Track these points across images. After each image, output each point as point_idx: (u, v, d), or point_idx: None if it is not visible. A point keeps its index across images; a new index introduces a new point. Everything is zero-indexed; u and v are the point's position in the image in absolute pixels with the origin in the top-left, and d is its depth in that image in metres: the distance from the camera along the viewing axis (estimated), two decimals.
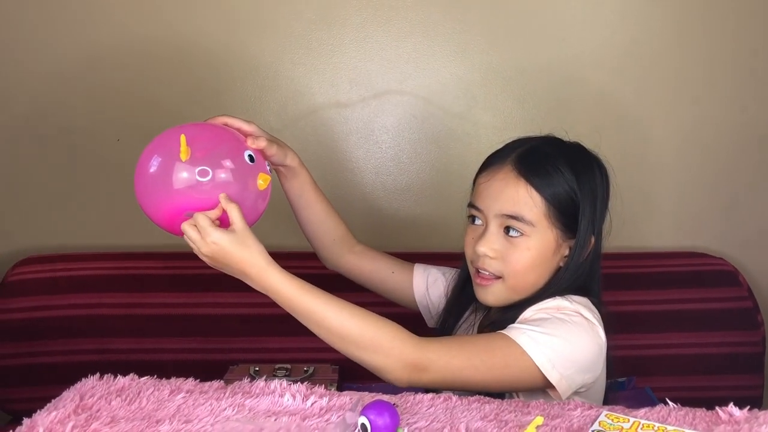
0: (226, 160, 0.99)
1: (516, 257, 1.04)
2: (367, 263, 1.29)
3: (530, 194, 1.04)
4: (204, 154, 0.98)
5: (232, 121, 1.09)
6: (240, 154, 1.02)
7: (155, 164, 0.99)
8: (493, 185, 1.07)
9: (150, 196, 1.01)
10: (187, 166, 0.97)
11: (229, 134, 1.06)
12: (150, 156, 1.01)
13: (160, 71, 1.69)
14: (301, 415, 0.82)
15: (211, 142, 1.01)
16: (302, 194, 1.23)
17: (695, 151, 1.76)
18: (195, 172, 0.97)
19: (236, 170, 1.00)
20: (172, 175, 0.97)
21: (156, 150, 1.01)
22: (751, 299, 1.64)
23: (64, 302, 1.56)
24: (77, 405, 0.84)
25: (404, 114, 1.73)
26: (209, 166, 0.97)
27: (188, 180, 0.97)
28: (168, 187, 0.97)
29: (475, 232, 1.09)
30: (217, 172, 0.98)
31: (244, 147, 1.04)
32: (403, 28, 1.69)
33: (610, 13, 1.70)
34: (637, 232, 1.78)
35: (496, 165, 1.08)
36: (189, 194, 0.97)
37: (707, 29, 1.70)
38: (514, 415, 0.85)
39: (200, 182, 0.97)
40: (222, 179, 0.98)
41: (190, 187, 0.97)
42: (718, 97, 1.73)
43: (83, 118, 1.71)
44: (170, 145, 0.99)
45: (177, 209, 0.99)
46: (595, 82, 1.72)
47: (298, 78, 1.71)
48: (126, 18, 1.67)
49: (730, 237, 1.78)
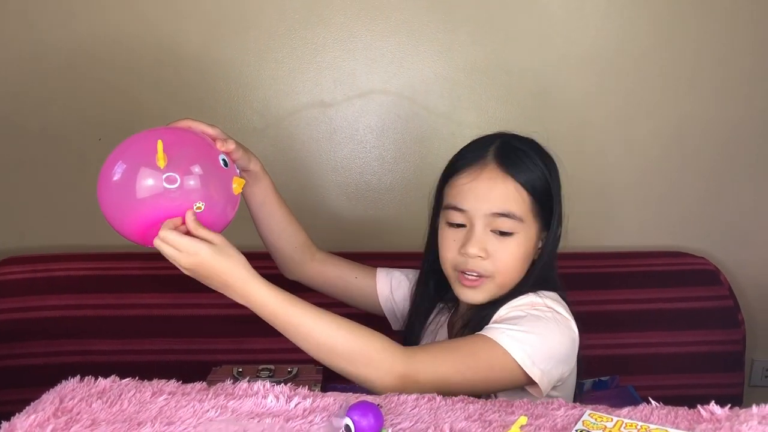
0: (202, 164, 0.96)
1: (506, 255, 1.04)
2: (330, 270, 1.27)
3: (518, 190, 1.04)
4: (179, 159, 0.94)
5: (196, 125, 1.05)
6: (215, 158, 0.99)
7: (125, 173, 0.94)
8: (479, 185, 1.05)
9: (120, 208, 0.95)
10: (159, 172, 0.92)
11: (199, 138, 1.02)
12: (116, 164, 0.95)
13: (142, 70, 1.68)
14: (284, 416, 0.82)
15: (184, 146, 0.97)
16: (265, 201, 1.19)
17: (677, 151, 1.77)
18: (172, 179, 0.93)
19: (212, 175, 0.97)
20: (143, 183, 0.92)
21: (124, 157, 0.96)
22: (732, 298, 1.66)
23: (45, 303, 1.55)
24: (57, 408, 0.82)
25: (388, 113, 1.73)
26: (184, 172, 0.93)
27: (159, 187, 0.92)
28: (138, 196, 0.93)
29: (457, 235, 1.07)
30: (194, 177, 0.94)
31: (217, 151, 1.01)
32: (387, 28, 1.69)
33: (594, 14, 1.71)
34: (619, 231, 1.79)
35: (476, 164, 1.06)
36: (160, 203, 0.93)
37: (690, 30, 1.72)
38: (498, 415, 0.85)
39: (172, 189, 0.93)
40: (197, 185, 0.95)
41: (161, 195, 0.92)
42: (699, 98, 1.75)
43: (64, 117, 1.69)
44: (140, 152, 0.94)
45: (149, 219, 0.94)
46: (579, 82, 1.73)
47: (281, 77, 1.70)
48: (108, 16, 1.65)
49: (712, 236, 1.80)
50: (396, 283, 1.26)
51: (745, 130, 1.77)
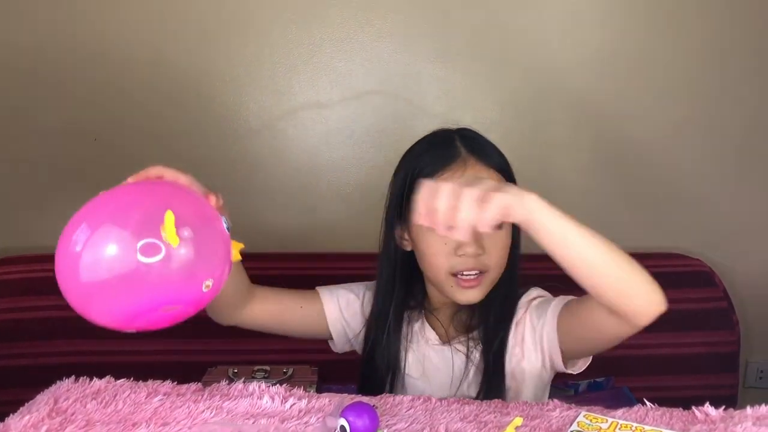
0: (208, 232, 0.79)
1: (500, 247, 1.03)
2: (272, 306, 1.13)
3: (500, 179, 1.02)
4: (182, 227, 0.74)
5: (169, 173, 0.90)
6: (218, 222, 0.82)
7: (120, 250, 0.72)
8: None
9: (116, 292, 0.74)
10: (159, 246, 0.72)
11: (192, 197, 0.84)
12: (99, 238, 0.74)
13: (139, 71, 1.68)
14: (279, 417, 0.82)
15: (183, 209, 0.77)
16: None
17: (672, 152, 1.78)
18: (174, 252, 0.73)
19: (218, 244, 0.80)
20: (132, 261, 0.72)
21: (100, 226, 0.74)
22: (727, 300, 1.66)
23: (40, 303, 1.54)
24: (51, 408, 0.82)
25: (384, 115, 1.73)
26: (190, 243, 0.75)
27: (159, 264, 0.73)
28: (123, 276, 0.73)
29: (446, 237, 0.98)
30: (203, 249, 0.77)
31: (216, 212, 0.84)
32: (384, 29, 1.69)
33: (590, 17, 1.71)
34: (614, 233, 1.79)
35: (455, 161, 1.02)
36: (159, 282, 0.74)
37: (685, 33, 1.72)
38: (493, 415, 0.85)
39: (173, 264, 0.74)
40: (206, 259, 0.78)
41: (158, 273, 0.73)
42: (695, 101, 1.76)
43: (59, 117, 1.69)
44: (143, 222, 0.74)
45: (147, 302, 0.76)
46: (575, 85, 1.73)
47: (277, 78, 1.70)
48: (103, 16, 1.65)
49: (707, 238, 1.80)
50: (344, 302, 1.16)
51: (740, 133, 1.77)
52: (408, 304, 1.12)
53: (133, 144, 1.69)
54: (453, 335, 1.10)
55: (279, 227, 1.76)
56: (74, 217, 0.78)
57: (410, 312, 1.13)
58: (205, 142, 1.72)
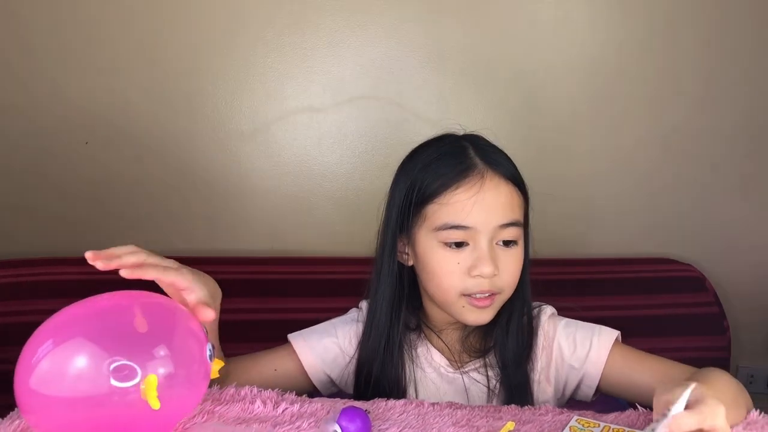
0: (189, 371, 0.70)
1: (513, 266, 0.95)
2: (253, 374, 1.03)
3: (517, 194, 0.96)
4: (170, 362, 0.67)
5: (150, 269, 0.82)
6: (202, 353, 0.72)
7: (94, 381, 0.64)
8: (484, 197, 0.93)
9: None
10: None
11: (178, 323, 0.73)
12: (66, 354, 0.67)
13: (130, 74, 1.67)
14: (272, 422, 0.81)
15: (164, 341, 0.68)
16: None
17: (664, 160, 1.79)
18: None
19: (198, 378, 0.72)
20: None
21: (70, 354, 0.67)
22: (718, 305, 1.67)
23: (28, 308, 1.53)
24: None
25: (377, 119, 1.73)
26: (175, 398, 0.68)
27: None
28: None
29: (460, 256, 0.93)
30: (181, 398, 0.70)
31: (202, 337, 0.74)
32: (377, 33, 1.69)
33: (581, 22, 1.72)
34: (606, 239, 1.80)
35: (471, 174, 0.94)
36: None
37: (674, 38, 1.73)
38: (485, 420, 0.85)
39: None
40: (183, 405, 0.72)
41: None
42: (685, 107, 1.77)
43: (50, 121, 1.68)
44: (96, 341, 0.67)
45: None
46: (568, 89, 1.74)
47: (270, 82, 1.70)
48: (96, 19, 1.65)
49: (698, 244, 1.81)
50: (321, 348, 1.04)
51: (730, 139, 1.78)
52: (408, 325, 1.03)
53: (124, 148, 1.69)
54: (465, 360, 1.01)
55: (271, 231, 1.76)
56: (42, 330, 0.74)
57: (410, 333, 1.03)
58: (198, 146, 1.71)
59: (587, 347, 0.99)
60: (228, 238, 1.73)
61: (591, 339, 0.99)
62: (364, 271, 1.32)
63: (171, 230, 1.73)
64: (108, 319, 0.71)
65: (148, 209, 1.71)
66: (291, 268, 1.68)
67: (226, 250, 1.72)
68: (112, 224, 1.69)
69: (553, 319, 1.03)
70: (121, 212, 1.70)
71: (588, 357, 0.98)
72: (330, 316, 1.02)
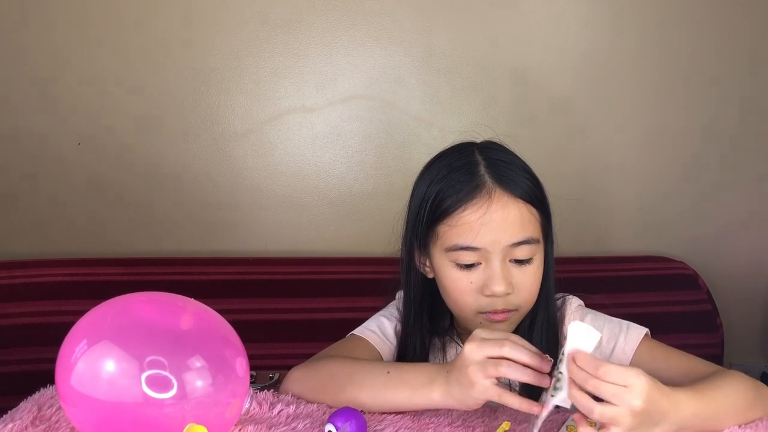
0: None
1: (530, 283, 0.95)
2: None
3: (530, 211, 0.95)
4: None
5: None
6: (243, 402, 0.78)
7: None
8: (493, 217, 0.92)
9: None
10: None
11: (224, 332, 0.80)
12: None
13: (122, 74, 1.67)
14: (267, 423, 0.81)
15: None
16: None
17: (656, 158, 1.79)
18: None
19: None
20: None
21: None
22: (710, 302, 1.68)
23: (22, 310, 1.52)
24: (35, 416, 0.81)
25: (370, 119, 1.73)
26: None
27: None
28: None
29: (473, 276, 0.93)
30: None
31: (246, 388, 0.79)
32: (370, 33, 1.69)
33: (574, 22, 1.72)
34: (599, 237, 1.81)
35: (479, 194, 0.93)
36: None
37: (666, 39, 1.74)
38: (481, 420, 0.85)
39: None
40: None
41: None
42: (677, 105, 1.77)
43: (42, 122, 1.67)
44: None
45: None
46: (559, 89, 1.75)
47: (263, 82, 1.70)
48: (89, 19, 1.64)
49: (690, 241, 1.82)
50: (378, 329, 1.06)
51: (721, 139, 1.79)
52: (437, 330, 1.04)
53: (117, 148, 1.68)
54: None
55: (264, 231, 1.76)
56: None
57: (441, 338, 1.04)
58: (191, 147, 1.71)
59: (613, 343, 0.99)
60: (221, 239, 1.73)
61: (618, 336, 0.99)
62: (356, 271, 1.33)
63: (164, 231, 1.72)
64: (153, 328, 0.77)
65: (141, 210, 1.71)
66: (284, 268, 1.68)
67: (219, 251, 1.71)
68: (105, 226, 1.69)
69: (579, 311, 1.03)
70: (114, 213, 1.69)
71: (613, 353, 0.98)
72: (325, 315, 1.02)
